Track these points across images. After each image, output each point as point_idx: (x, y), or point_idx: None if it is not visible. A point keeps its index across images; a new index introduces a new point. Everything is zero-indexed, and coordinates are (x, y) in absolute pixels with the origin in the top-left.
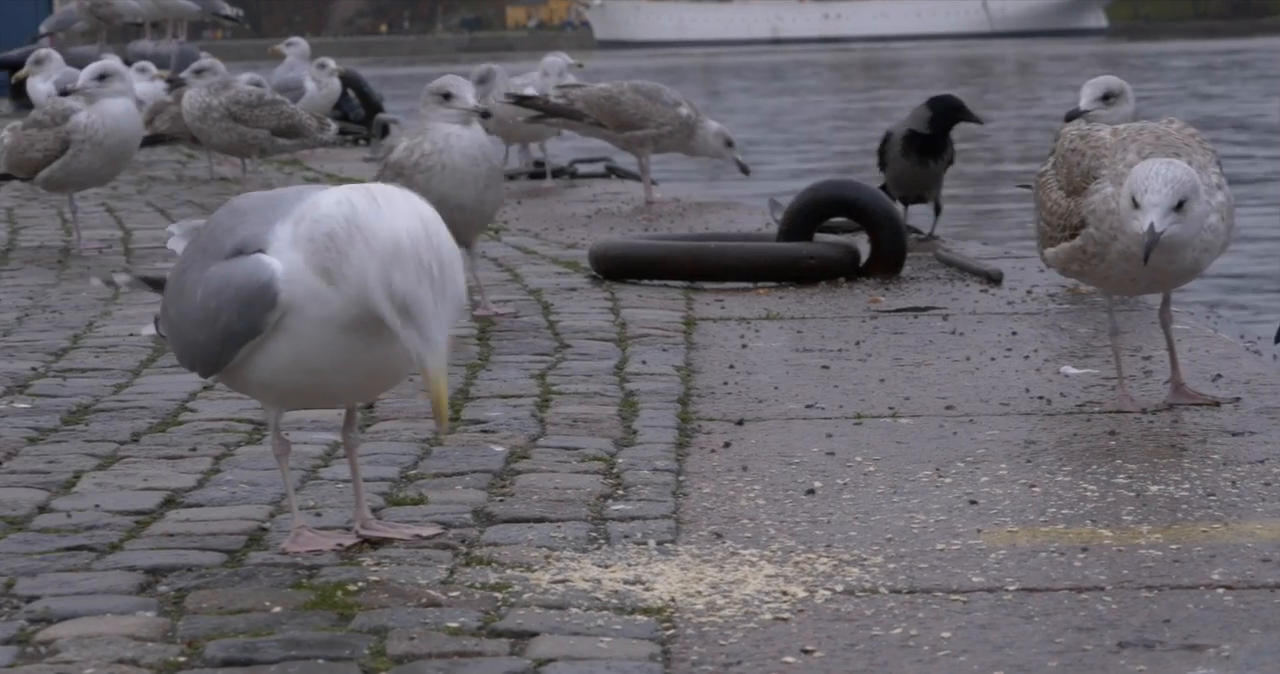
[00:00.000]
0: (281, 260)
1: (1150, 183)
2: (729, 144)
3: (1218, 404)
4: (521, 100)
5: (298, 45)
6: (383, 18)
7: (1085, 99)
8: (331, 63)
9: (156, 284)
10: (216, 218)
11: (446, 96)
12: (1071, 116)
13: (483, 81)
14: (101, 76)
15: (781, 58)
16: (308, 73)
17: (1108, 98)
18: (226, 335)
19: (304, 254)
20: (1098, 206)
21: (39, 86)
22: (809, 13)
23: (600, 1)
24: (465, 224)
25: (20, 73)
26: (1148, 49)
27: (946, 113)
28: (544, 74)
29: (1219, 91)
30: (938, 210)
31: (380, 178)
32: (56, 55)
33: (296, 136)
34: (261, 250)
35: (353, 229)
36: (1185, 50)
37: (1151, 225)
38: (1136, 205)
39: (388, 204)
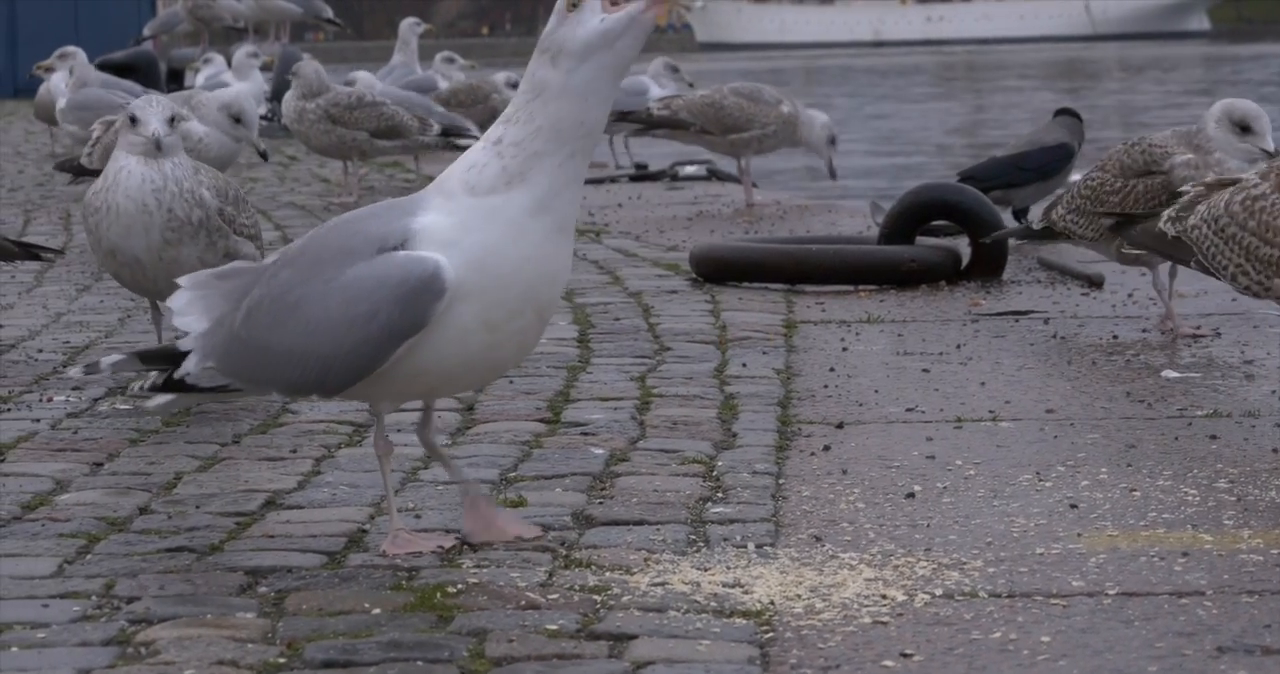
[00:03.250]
0: (442, 250)
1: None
2: (831, 141)
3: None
4: (624, 116)
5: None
6: (484, 19)
7: (1272, 137)
8: (459, 58)
9: (154, 356)
10: (316, 239)
11: (134, 120)
12: (1272, 156)
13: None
14: (237, 118)
15: (883, 60)
16: (436, 69)
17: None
18: (387, 334)
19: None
20: None
21: (57, 83)
22: (911, 15)
23: (702, 4)
24: (152, 286)
25: (44, 63)
26: (1251, 51)
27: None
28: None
29: None
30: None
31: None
32: (81, 53)
33: (397, 138)
34: (402, 246)
35: None
36: None
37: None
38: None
39: None
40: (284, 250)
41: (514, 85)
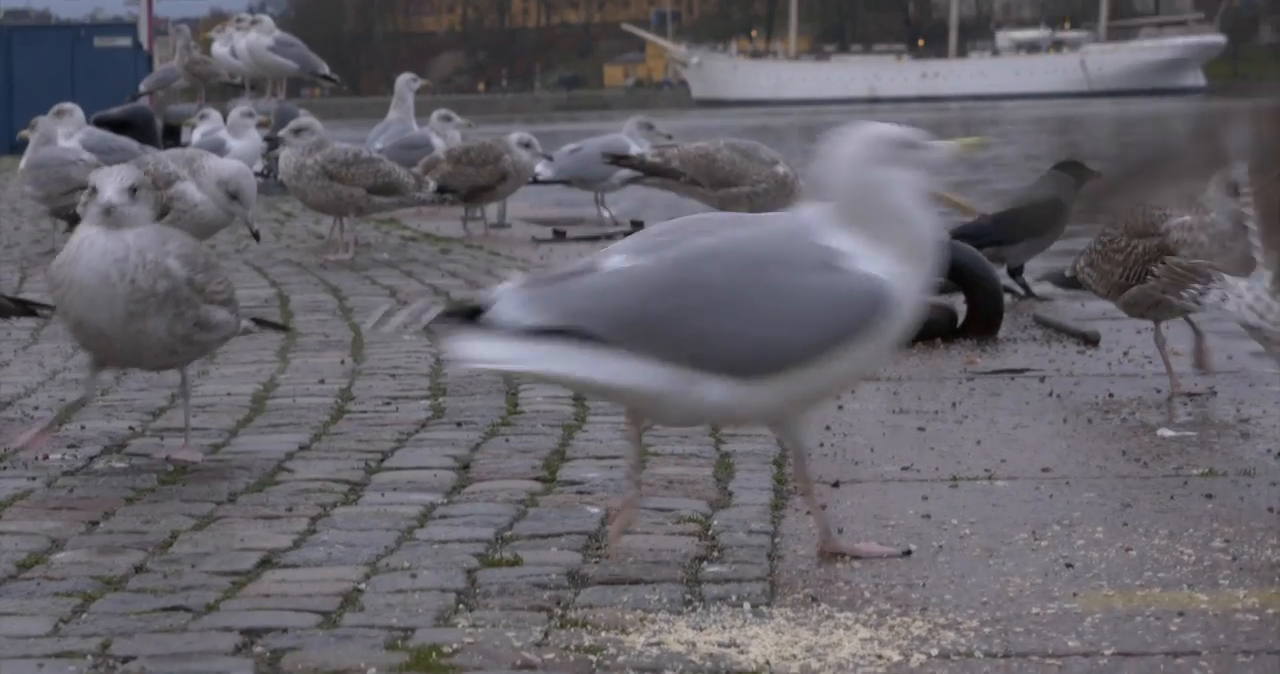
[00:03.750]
0: (883, 273)
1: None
2: None
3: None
4: (618, 160)
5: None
6: (481, 76)
7: None
8: (456, 116)
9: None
10: (732, 244)
11: (94, 190)
12: None
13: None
14: (234, 196)
15: (879, 117)
16: (431, 127)
17: None
18: (833, 336)
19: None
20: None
21: (59, 141)
22: (906, 71)
23: (698, 60)
24: (120, 357)
25: (24, 132)
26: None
27: (1082, 176)
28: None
29: None
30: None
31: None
32: (78, 109)
33: (394, 194)
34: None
35: None
36: None
37: None
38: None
39: None
40: (660, 246)
41: (526, 145)
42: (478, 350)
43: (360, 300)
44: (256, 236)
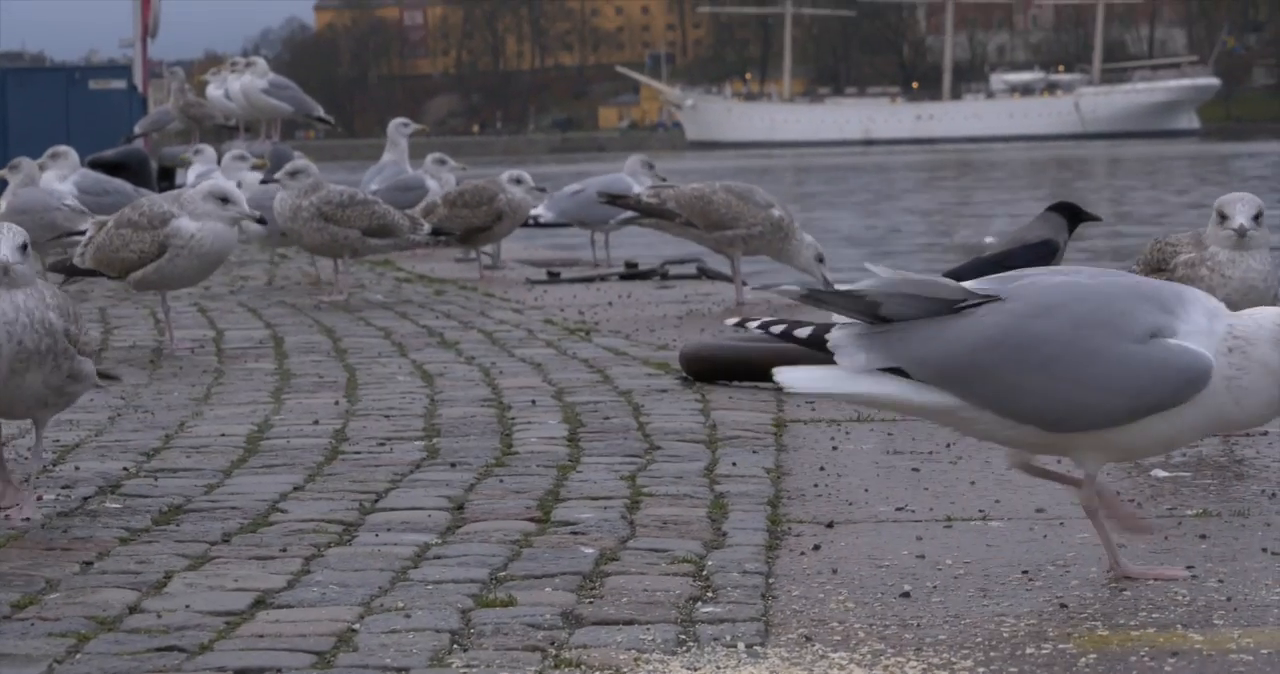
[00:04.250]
0: (1207, 350)
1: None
2: (820, 259)
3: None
4: (614, 200)
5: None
6: (475, 117)
7: (1245, 217)
8: (450, 159)
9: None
10: (1067, 306)
11: None
12: (1242, 234)
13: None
14: (224, 199)
15: (873, 159)
16: (425, 170)
17: (1258, 217)
18: (1148, 404)
19: (1219, 352)
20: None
21: (54, 184)
22: (901, 113)
23: (692, 102)
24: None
25: (17, 164)
26: (1241, 149)
27: (1075, 218)
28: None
29: None
30: None
31: None
32: (72, 152)
33: (389, 236)
34: (1173, 336)
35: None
36: (1276, 150)
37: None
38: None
39: None
40: (1006, 293)
41: (518, 182)
42: (811, 379)
43: (354, 342)
44: (261, 220)
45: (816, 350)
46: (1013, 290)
